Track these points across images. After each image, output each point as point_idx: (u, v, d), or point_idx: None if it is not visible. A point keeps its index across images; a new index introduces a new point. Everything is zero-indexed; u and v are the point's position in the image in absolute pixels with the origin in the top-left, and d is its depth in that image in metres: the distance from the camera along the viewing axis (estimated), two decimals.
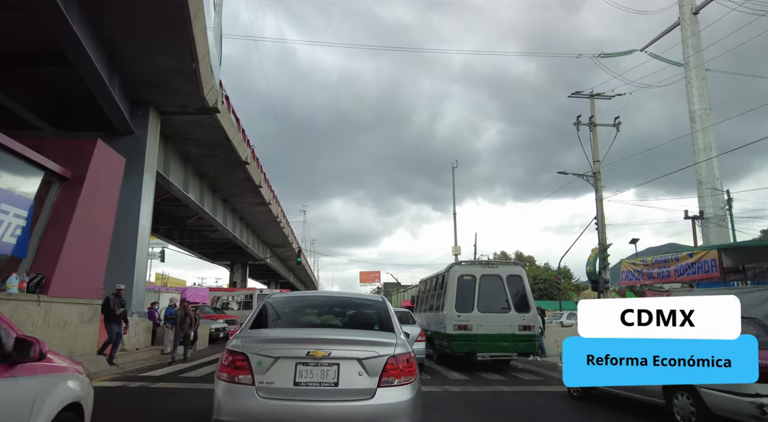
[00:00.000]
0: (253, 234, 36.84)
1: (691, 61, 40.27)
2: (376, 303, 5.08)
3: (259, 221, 34.15)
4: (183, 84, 14.40)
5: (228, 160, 21.33)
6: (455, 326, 12.03)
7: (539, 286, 51.87)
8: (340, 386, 3.70)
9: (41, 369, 3.16)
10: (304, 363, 3.72)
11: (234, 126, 19.41)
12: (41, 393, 3.13)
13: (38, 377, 3.14)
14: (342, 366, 3.74)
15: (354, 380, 3.73)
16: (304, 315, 5.00)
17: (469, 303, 12.29)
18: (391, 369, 3.79)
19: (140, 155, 15.24)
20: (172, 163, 19.53)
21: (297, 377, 3.69)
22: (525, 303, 12.49)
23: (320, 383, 3.70)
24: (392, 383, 3.76)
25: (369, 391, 3.71)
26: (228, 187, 25.71)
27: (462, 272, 12.85)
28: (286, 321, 4.84)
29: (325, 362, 3.72)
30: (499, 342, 11.99)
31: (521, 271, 13.25)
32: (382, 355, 3.81)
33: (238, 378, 3.71)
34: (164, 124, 17.08)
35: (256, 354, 3.74)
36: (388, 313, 4.71)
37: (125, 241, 14.40)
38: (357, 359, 3.77)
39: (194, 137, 18.81)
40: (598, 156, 20.66)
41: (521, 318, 12.22)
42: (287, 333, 4.30)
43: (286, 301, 5.31)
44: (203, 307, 26.23)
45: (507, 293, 12.42)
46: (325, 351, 3.72)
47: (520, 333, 12.12)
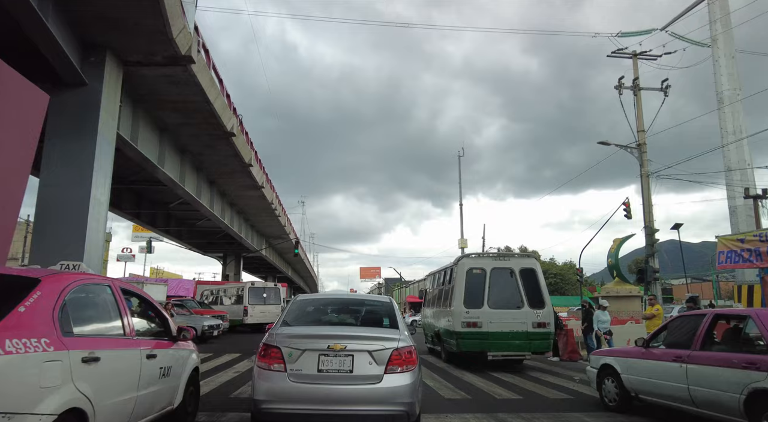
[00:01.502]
0: (246, 223, 33.86)
1: (720, 38, 37.25)
2: (384, 304, 6.00)
3: (252, 208, 31.15)
4: (145, 17, 11.36)
5: (211, 130, 18.33)
6: (464, 323, 11.35)
7: (550, 281, 51.87)
8: (354, 372, 4.65)
9: (185, 346, 5.48)
10: (326, 354, 4.68)
11: (216, 86, 16.39)
12: (186, 358, 5.43)
13: (185, 350, 5.44)
14: (356, 357, 4.68)
15: (365, 368, 4.67)
16: (325, 314, 6.02)
17: (479, 298, 11.56)
18: (395, 359, 4.71)
19: (93, 112, 12.23)
20: (144, 131, 16.53)
21: (320, 365, 4.65)
22: (539, 298, 11.72)
23: (338, 370, 4.66)
24: (396, 370, 4.68)
25: (377, 377, 4.65)
26: (214, 165, 22.72)
27: (471, 265, 12.05)
28: (311, 319, 5.78)
29: (342, 354, 4.68)
30: (511, 340, 11.28)
31: (535, 264, 12.34)
32: (388, 348, 4.74)
33: (273, 366, 4.69)
34: (130, 80, 14.08)
35: (287, 347, 4.73)
36: (393, 312, 5.69)
37: (69, 216, 11.46)
38: (368, 351, 4.70)
39: (169, 99, 15.80)
40: (643, 125, 17.68)
41: (535, 315, 11.49)
42: (311, 331, 5.20)
43: (309, 302, 6.29)
44: (187, 301, 23.52)
45: (520, 288, 11.67)
46: (342, 345, 4.67)
47: (534, 331, 11.38)
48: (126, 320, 4.34)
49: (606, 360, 7.35)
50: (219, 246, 38.61)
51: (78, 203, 11.68)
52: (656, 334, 6.90)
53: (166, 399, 4.93)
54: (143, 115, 16.30)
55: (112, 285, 4.51)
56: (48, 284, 3.54)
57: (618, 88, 17.56)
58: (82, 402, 3.34)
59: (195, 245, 38.07)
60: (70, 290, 3.71)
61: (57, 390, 3.16)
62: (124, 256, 67.54)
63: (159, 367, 4.69)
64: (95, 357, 3.59)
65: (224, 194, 27.51)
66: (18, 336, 2.97)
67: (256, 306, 27.45)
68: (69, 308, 3.60)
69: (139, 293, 5.14)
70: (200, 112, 16.70)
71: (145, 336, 4.73)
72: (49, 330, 3.27)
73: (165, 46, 12.59)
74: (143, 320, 5.00)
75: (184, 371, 5.34)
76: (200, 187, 23.18)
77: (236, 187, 26.41)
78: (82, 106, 12.22)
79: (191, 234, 35.02)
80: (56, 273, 4.02)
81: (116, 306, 4.32)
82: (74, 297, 3.74)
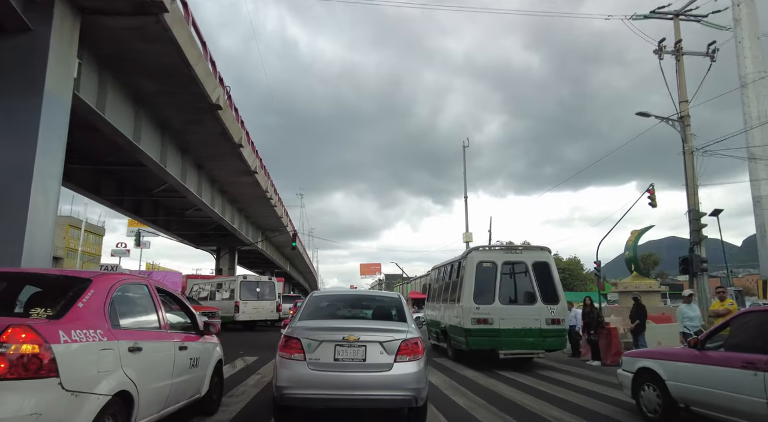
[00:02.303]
0: (239, 214, 31.62)
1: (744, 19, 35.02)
2: (393, 299, 6.58)
3: (246, 196, 28.89)
4: None
5: (193, 100, 16.07)
6: (474, 320, 10.93)
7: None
8: (367, 361, 5.08)
9: (211, 339, 6.04)
10: (341, 345, 5.11)
11: (197, 47, 14.17)
12: (211, 350, 5.98)
13: (210, 343, 6.01)
14: (368, 347, 5.12)
15: (377, 357, 5.10)
16: (339, 308, 6.62)
17: (490, 293, 11.18)
18: (404, 349, 5.15)
19: (39, 64, 9.98)
20: (115, 100, 14.30)
21: (336, 355, 5.09)
22: (553, 293, 11.31)
23: (353, 359, 5.09)
24: (405, 359, 5.12)
25: (388, 365, 5.09)
26: (200, 146, 20.47)
27: (481, 258, 11.60)
28: (327, 313, 6.30)
29: (356, 344, 5.12)
30: (524, 337, 10.87)
31: (549, 257, 11.85)
32: (397, 339, 5.20)
33: (293, 356, 5.13)
34: (92, 34, 11.82)
35: (306, 338, 5.19)
36: (402, 306, 6.23)
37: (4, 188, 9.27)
38: (379, 342, 5.15)
39: (141, 60, 13.53)
40: (685, 95, 15.50)
41: (549, 311, 11.06)
42: (328, 324, 5.64)
43: (324, 298, 7.01)
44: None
45: (533, 282, 11.27)
46: (355, 336, 5.14)
47: (548, 328, 10.96)
48: (161, 315, 4.83)
49: (644, 363, 6.38)
50: (212, 238, 36.39)
51: (18, 173, 9.48)
52: (713, 333, 5.88)
53: (195, 387, 5.44)
54: (112, 80, 14.05)
55: (149, 284, 4.94)
56: (98, 283, 4.04)
57: (658, 53, 15.36)
58: (129, 386, 3.83)
59: (186, 237, 35.82)
60: (116, 288, 4.21)
61: (110, 374, 3.66)
62: (119, 251, 65.85)
63: (189, 358, 5.19)
64: (139, 347, 4.08)
65: (214, 181, 25.29)
66: (80, 328, 3.51)
67: (248, 301, 25.37)
68: (116, 304, 4.12)
69: (170, 291, 5.58)
70: (178, 77, 14.44)
71: (177, 330, 5.22)
72: (102, 322, 3.79)
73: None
74: (174, 315, 5.41)
75: (210, 362, 5.89)
76: (186, 171, 20.95)
77: (227, 173, 24.17)
78: (24, 55, 9.98)
79: (181, 224, 32.80)
80: (104, 274, 4.48)
81: (152, 303, 4.79)
82: (119, 294, 4.25)
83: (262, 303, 26.06)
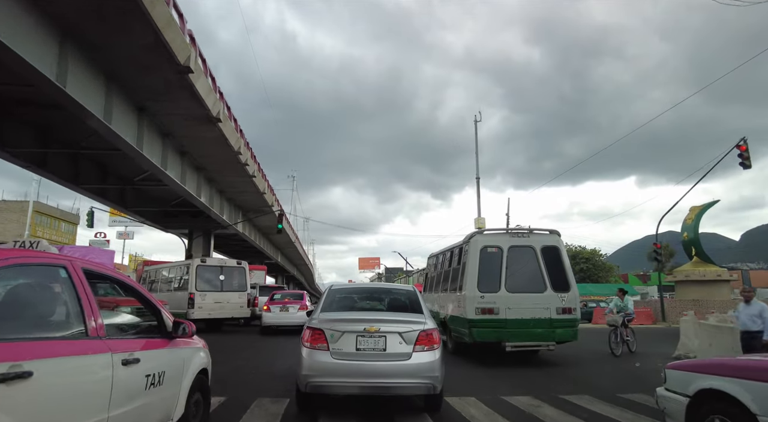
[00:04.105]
0: (209, 185, 25.15)
1: None
2: (409, 292, 7.09)
3: (214, 161, 22.44)
4: None
5: None
6: (478, 309, 10.30)
7: (581, 266, 47.22)
8: (387, 351, 5.50)
9: (188, 343, 4.52)
10: (362, 335, 5.53)
11: None
12: (187, 359, 4.46)
13: (186, 348, 4.47)
14: (388, 337, 5.55)
15: (396, 347, 5.53)
16: (359, 301, 7.10)
17: (495, 280, 10.53)
18: (422, 339, 5.58)
19: None
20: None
21: (358, 345, 5.51)
22: (564, 280, 10.65)
23: (374, 349, 5.51)
24: (422, 349, 5.55)
25: (407, 355, 5.52)
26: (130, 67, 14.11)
27: (485, 243, 10.94)
28: (346, 305, 6.80)
29: (377, 335, 5.53)
30: (532, 328, 10.22)
31: (559, 241, 11.06)
32: (415, 330, 5.61)
33: (317, 346, 5.54)
34: None
35: (329, 329, 5.58)
36: (417, 299, 6.71)
37: None
38: (398, 333, 5.57)
39: None
40: None
41: (560, 299, 10.42)
42: (350, 315, 6.13)
43: (343, 290, 7.36)
44: None
45: (542, 268, 10.61)
46: (376, 328, 5.54)
47: (558, 318, 10.32)
48: (89, 313, 3.12)
49: (709, 381, 3.89)
50: (180, 219, 29.87)
51: None
52: None
53: (159, 413, 3.90)
54: None
55: (70, 266, 3.14)
56: None
57: None
58: None
59: (147, 216, 29.26)
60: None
61: None
62: (98, 242, 60.49)
63: (146, 375, 3.60)
64: (22, 373, 2.38)
65: (166, 133, 18.83)
66: None
67: (208, 293, 19.06)
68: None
69: (117, 277, 3.99)
70: None
71: (125, 335, 3.83)
72: None
73: None
74: (123, 313, 4.31)
75: (185, 375, 4.36)
76: (112, 106, 14.67)
77: (179, 119, 17.74)
78: None
79: (138, 198, 26.38)
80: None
81: (74, 296, 3.07)
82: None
83: (228, 296, 19.82)
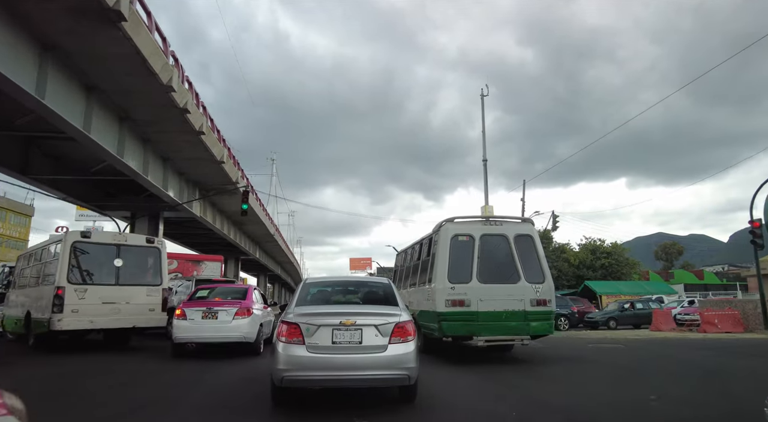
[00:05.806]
0: (143, 146, 20.48)
1: None
2: (384, 285, 7.02)
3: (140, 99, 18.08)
4: None
5: None
6: (448, 302, 9.87)
7: (601, 262, 44.98)
8: (363, 343, 5.49)
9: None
10: (338, 328, 5.50)
11: None
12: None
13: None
14: (364, 330, 5.53)
15: (372, 339, 5.51)
16: (333, 294, 7.15)
17: (467, 271, 10.08)
18: (397, 331, 5.58)
19: None
20: None
21: (334, 338, 5.47)
22: (539, 270, 10.23)
23: (349, 342, 5.48)
24: (398, 341, 5.55)
25: (383, 347, 5.50)
26: None
27: (456, 231, 10.44)
28: (322, 298, 6.95)
29: (353, 328, 5.50)
30: (505, 321, 9.84)
31: (532, 230, 10.85)
32: (391, 322, 5.61)
33: (293, 340, 5.46)
34: None
35: (305, 323, 5.53)
36: (393, 291, 6.70)
37: None
38: (374, 325, 5.56)
39: None
40: None
41: (534, 290, 10.01)
42: (325, 309, 6.11)
43: (318, 284, 7.53)
44: None
45: (515, 258, 10.16)
46: (352, 321, 5.51)
47: (533, 310, 9.92)
48: None
49: None
50: (116, 197, 24.94)
51: None
52: None
53: None
54: None
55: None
56: None
57: None
58: None
59: (69, 191, 22.69)
60: None
61: None
62: None
63: None
64: None
65: (81, 72, 14.40)
66: None
67: (90, 287, 12.36)
68: None
69: None
70: None
71: None
72: None
73: None
74: None
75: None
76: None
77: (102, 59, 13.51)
78: None
79: (52, 164, 20.92)
80: None
81: None
82: None
83: (128, 293, 12.64)
